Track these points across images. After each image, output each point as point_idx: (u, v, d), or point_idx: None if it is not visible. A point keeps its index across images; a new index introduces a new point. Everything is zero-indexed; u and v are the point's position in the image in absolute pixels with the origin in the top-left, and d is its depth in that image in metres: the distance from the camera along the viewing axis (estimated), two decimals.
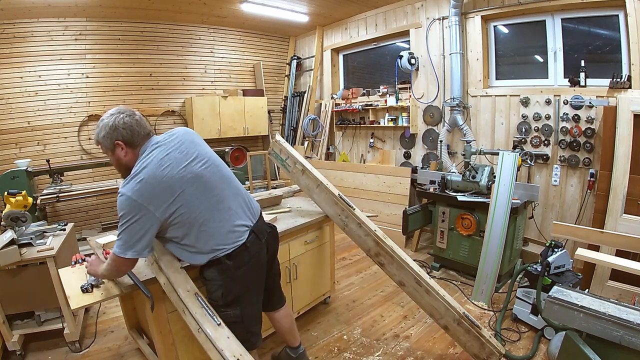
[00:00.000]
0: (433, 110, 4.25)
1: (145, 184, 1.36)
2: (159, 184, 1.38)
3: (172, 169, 1.42)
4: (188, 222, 1.45)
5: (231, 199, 1.58)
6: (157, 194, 1.37)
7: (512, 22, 3.65)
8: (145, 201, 1.35)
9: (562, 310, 1.67)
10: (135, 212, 1.34)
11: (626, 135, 2.61)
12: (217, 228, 1.51)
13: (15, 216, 2.22)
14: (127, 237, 1.37)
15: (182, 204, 1.42)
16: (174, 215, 1.42)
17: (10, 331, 2.23)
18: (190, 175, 1.45)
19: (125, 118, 1.43)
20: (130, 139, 1.44)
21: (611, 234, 2.19)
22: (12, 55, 4.01)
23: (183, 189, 1.42)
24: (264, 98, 5.70)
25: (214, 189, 1.52)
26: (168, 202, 1.39)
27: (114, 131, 1.42)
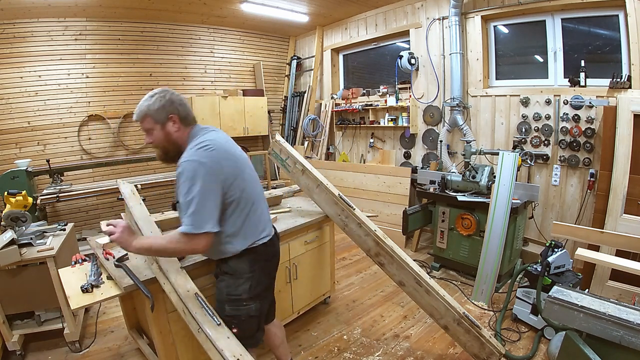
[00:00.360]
0: (433, 110, 4.25)
1: (217, 152, 1.36)
2: (228, 157, 1.41)
3: (236, 150, 1.50)
4: (243, 199, 1.44)
5: (262, 193, 1.65)
6: (226, 165, 1.38)
7: (512, 22, 3.65)
8: (217, 169, 1.33)
9: (562, 310, 1.67)
10: (208, 178, 1.29)
11: (626, 135, 2.61)
12: (263, 214, 1.58)
13: (15, 216, 2.22)
14: (199, 207, 1.26)
15: (241, 182, 1.44)
16: (232, 192, 1.39)
17: (10, 331, 2.23)
18: (245, 160, 1.54)
19: (178, 97, 1.46)
20: (185, 116, 1.45)
21: (611, 234, 2.19)
22: (12, 55, 4.01)
23: (243, 169, 1.47)
24: (264, 98, 5.69)
25: (257, 180, 1.60)
26: (233, 176, 1.39)
27: (170, 104, 1.42)
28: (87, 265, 1.80)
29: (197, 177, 1.28)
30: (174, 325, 1.75)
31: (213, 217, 1.31)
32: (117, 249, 1.96)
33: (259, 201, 1.56)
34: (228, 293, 1.51)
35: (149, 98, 1.43)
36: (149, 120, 1.43)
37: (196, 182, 1.27)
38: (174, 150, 1.45)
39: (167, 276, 1.57)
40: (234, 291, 1.50)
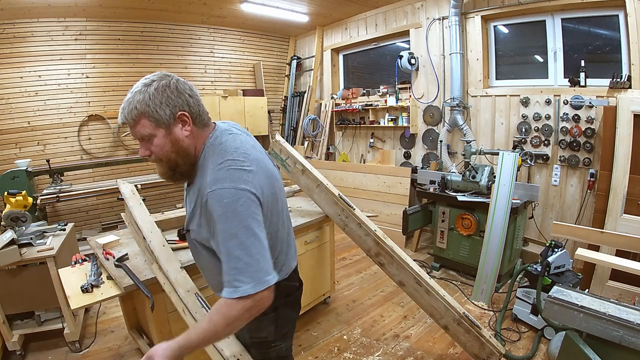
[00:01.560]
0: (433, 110, 4.25)
1: (256, 174, 0.97)
2: (268, 176, 1.02)
3: (270, 165, 1.08)
4: (277, 228, 1.11)
5: (289, 218, 1.29)
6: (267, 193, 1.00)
7: (512, 22, 3.65)
8: (257, 191, 0.95)
9: (562, 310, 1.67)
10: (250, 209, 0.92)
11: (626, 135, 2.61)
12: (290, 249, 1.24)
13: (15, 216, 2.22)
14: (253, 251, 0.91)
15: (276, 217, 1.09)
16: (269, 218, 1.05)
17: (10, 331, 2.23)
18: (281, 182, 1.14)
19: (188, 83, 1.01)
20: (198, 113, 1.01)
21: (611, 234, 2.19)
22: (12, 55, 4.01)
23: (279, 197, 1.10)
24: (264, 98, 5.70)
25: (284, 202, 1.20)
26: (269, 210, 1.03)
27: (177, 96, 0.96)
28: (87, 265, 1.80)
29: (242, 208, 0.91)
30: (174, 325, 1.75)
31: (269, 261, 0.95)
32: (117, 249, 1.97)
33: (290, 238, 1.24)
34: (251, 336, 1.23)
35: (144, 88, 0.95)
36: (144, 122, 0.95)
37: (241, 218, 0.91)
38: (185, 164, 1.03)
39: (167, 276, 1.56)
40: (256, 334, 1.22)
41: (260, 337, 1.21)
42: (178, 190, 5.31)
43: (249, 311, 0.91)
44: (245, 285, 0.89)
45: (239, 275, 0.89)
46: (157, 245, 1.69)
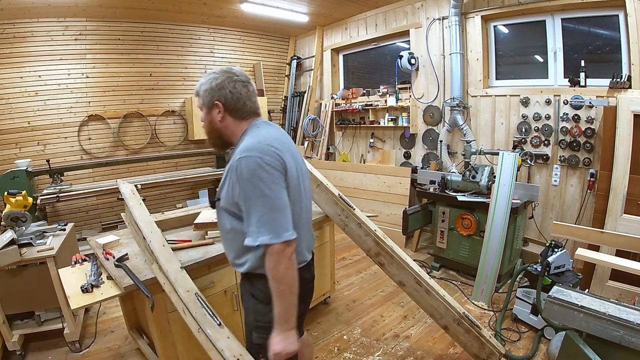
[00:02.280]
0: (433, 110, 4.25)
1: (277, 148, 1.16)
2: (294, 159, 1.24)
3: (293, 148, 1.29)
4: (294, 211, 1.20)
5: (309, 212, 1.39)
6: (284, 163, 1.17)
7: (512, 22, 3.65)
8: (280, 165, 1.14)
9: (562, 310, 1.67)
10: (273, 176, 1.10)
11: (626, 135, 2.61)
12: (304, 231, 1.32)
13: (15, 216, 2.22)
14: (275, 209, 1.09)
15: (298, 188, 1.24)
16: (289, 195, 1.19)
17: (10, 331, 2.23)
18: (300, 164, 1.30)
19: (238, 85, 1.24)
20: (234, 108, 1.25)
21: (611, 234, 2.19)
22: (12, 55, 4.01)
23: (295, 173, 1.23)
24: (264, 98, 5.70)
25: (305, 195, 1.33)
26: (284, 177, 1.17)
27: (219, 90, 1.22)
28: (87, 265, 1.80)
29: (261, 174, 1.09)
30: (174, 325, 1.75)
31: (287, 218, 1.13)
32: (117, 249, 1.97)
33: (306, 229, 1.35)
34: (256, 319, 1.30)
35: (206, 76, 1.26)
36: (197, 99, 1.29)
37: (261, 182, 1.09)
38: (218, 139, 1.31)
39: (167, 276, 1.57)
40: (262, 317, 1.27)
41: (264, 322, 1.24)
42: (178, 190, 5.32)
43: (277, 263, 1.09)
44: (263, 236, 1.07)
45: (260, 228, 1.08)
46: (157, 245, 1.69)
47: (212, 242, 2.02)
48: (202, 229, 2.12)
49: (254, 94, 1.28)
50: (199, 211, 2.32)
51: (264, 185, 1.09)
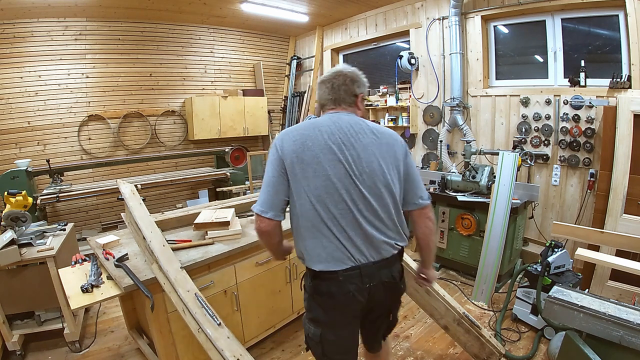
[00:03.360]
0: (433, 110, 4.25)
1: (294, 135, 1.29)
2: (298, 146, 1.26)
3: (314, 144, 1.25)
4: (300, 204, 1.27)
5: (354, 219, 1.25)
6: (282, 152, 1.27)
7: (512, 22, 3.65)
8: (276, 152, 1.29)
9: (562, 310, 1.67)
10: (272, 162, 1.29)
11: (626, 135, 2.61)
12: (316, 233, 1.26)
13: (15, 216, 2.22)
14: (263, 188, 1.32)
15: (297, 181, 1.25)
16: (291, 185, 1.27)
17: (10, 331, 2.22)
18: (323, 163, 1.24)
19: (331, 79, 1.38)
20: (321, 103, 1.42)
21: (611, 234, 2.19)
22: (12, 55, 4.01)
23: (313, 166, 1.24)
24: (264, 98, 5.70)
25: (338, 195, 1.24)
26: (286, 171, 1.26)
27: (319, 87, 1.43)
28: (87, 265, 1.80)
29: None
30: (174, 325, 1.75)
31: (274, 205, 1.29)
32: (117, 249, 1.97)
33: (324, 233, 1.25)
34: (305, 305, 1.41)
35: (324, 75, 1.43)
36: None
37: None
38: None
39: (167, 276, 1.57)
40: (304, 303, 1.41)
41: (305, 308, 1.42)
42: (178, 190, 5.32)
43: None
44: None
45: None
46: (157, 245, 1.69)
47: (212, 242, 2.02)
48: (202, 229, 2.12)
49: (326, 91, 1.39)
50: (199, 211, 2.32)
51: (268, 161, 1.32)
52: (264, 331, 2.30)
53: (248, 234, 2.17)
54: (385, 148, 1.32)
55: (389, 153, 1.32)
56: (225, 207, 2.48)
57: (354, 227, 1.25)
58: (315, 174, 1.24)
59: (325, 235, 1.25)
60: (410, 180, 1.39)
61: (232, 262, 2.02)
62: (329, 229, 1.24)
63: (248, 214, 2.58)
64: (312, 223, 1.26)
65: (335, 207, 1.24)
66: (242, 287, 2.09)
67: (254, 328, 2.22)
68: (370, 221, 1.27)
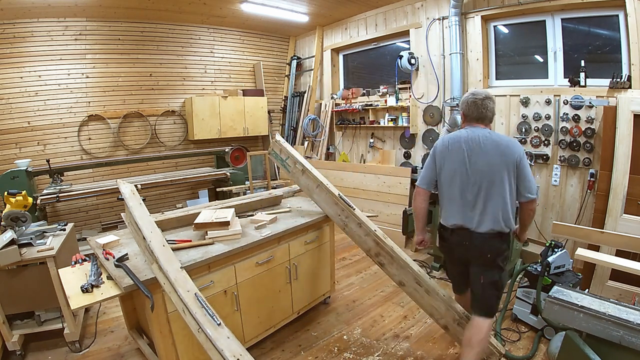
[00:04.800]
0: (433, 110, 4.25)
1: (448, 141, 1.91)
2: (451, 146, 1.89)
3: (463, 145, 1.84)
4: (440, 183, 1.96)
5: (467, 196, 1.83)
6: (443, 151, 1.93)
7: (512, 22, 3.65)
8: (439, 151, 1.96)
9: (562, 310, 1.67)
10: (432, 154, 1.99)
11: (626, 135, 2.61)
12: (448, 203, 1.92)
13: (15, 216, 2.22)
14: (423, 171, 2.06)
15: (444, 168, 1.91)
16: (440, 171, 1.94)
17: (10, 331, 2.22)
18: (463, 158, 1.84)
19: (470, 99, 1.90)
20: (465, 115, 1.94)
21: (611, 234, 2.19)
22: (12, 55, 4.01)
23: (452, 160, 1.88)
24: (264, 98, 5.70)
25: (462, 177, 1.85)
26: (440, 161, 1.93)
27: (462, 102, 1.96)
28: (87, 265, 1.80)
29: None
30: (174, 325, 1.75)
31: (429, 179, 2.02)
32: (117, 249, 1.97)
33: (455, 193, 1.88)
34: None
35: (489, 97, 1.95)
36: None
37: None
38: None
39: (167, 276, 1.57)
40: None
41: None
42: (178, 190, 5.33)
43: (416, 195, 2.09)
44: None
45: None
46: (157, 245, 1.69)
47: (212, 242, 2.02)
48: (202, 229, 2.12)
49: (472, 109, 1.90)
50: (199, 211, 2.32)
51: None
52: (264, 331, 2.30)
53: (248, 234, 2.17)
54: (501, 152, 1.79)
55: (504, 157, 1.78)
56: (225, 207, 2.48)
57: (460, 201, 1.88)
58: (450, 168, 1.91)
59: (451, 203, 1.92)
60: (522, 177, 1.78)
61: (232, 262, 2.02)
62: (453, 200, 1.91)
63: (248, 214, 2.59)
64: (447, 189, 1.94)
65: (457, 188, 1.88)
66: (242, 287, 2.09)
67: (254, 328, 2.22)
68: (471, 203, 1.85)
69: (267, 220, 2.36)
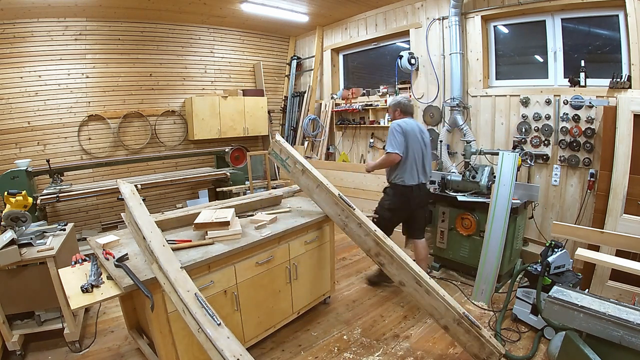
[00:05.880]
0: (433, 110, 4.25)
1: (403, 124, 2.79)
2: (406, 126, 2.78)
3: (413, 128, 2.82)
4: (408, 151, 2.78)
5: (418, 163, 2.84)
6: (405, 128, 2.77)
7: (512, 22, 3.65)
8: (403, 130, 2.76)
9: (562, 310, 1.67)
10: (400, 131, 2.75)
11: (626, 135, 2.61)
12: (410, 168, 2.81)
13: (15, 216, 2.22)
14: (395, 142, 2.73)
15: (407, 142, 2.76)
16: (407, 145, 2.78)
17: (10, 331, 2.22)
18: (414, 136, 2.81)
19: (405, 101, 2.97)
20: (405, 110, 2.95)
21: (611, 234, 2.19)
22: (12, 55, 4.02)
23: (410, 137, 2.78)
24: (264, 98, 5.70)
25: (415, 153, 2.81)
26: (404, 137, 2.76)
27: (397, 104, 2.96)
28: (87, 265, 1.80)
29: (396, 130, 2.77)
30: (174, 325, 1.75)
31: (400, 146, 2.74)
32: (117, 249, 1.97)
33: (410, 160, 2.79)
34: (381, 201, 3.07)
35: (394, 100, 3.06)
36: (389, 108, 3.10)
37: (395, 133, 2.76)
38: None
39: (167, 276, 1.57)
40: (383, 202, 3.02)
41: (381, 204, 3.04)
42: (178, 190, 5.33)
43: (386, 158, 2.83)
44: (388, 148, 2.77)
45: (388, 146, 2.78)
46: (157, 245, 1.69)
47: (212, 242, 2.02)
48: (202, 229, 2.12)
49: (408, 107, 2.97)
50: (199, 211, 2.32)
51: (391, 131, 2.80)
52: (264, 331, 2.30)
53: (248, 234, 2.17)
54: (427, 135, 2.95)
55: (426, 136, 2.93)
56: (225, 207, 2.48)
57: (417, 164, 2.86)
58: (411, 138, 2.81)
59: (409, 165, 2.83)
60: (427, 148, 2.92)
61: (232, 262, 2.02)
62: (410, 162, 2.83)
63: (248, 214, 2.59)
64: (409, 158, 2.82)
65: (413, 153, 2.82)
66: (242, 287, 2.09)
67: (254, 328, 2.22)
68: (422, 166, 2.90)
69: (267, 220, 2.36)
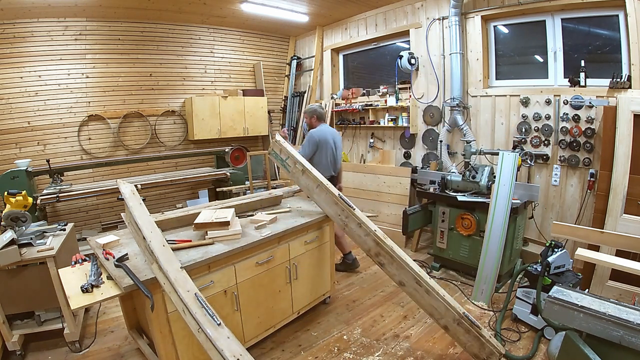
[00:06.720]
0: (433, 110, 4.25)
1: (318, 133, 3.25)
2: (320, 136, 3.24)
3: (326, 136, 3.29)
4: (318, 155, 3.25)
5: (330, 161, 3.33)
6: (319, 139, 3.22)
7: (512, 22, 3.65)
8: (317, 141, 3.21)
9: (562, 310, 1.67)
10: (314, 143, 3.21)
11: (626, 135, 2.61)
12: (324, 167, 3.24)
13: (15, 216, 2.22)
14: (307, 150, 3.20)
15: (320, 148, 3.24)
16: (317, 150, 3.24)
17: (10, 331, 2.23)
18: (327, 143, 3.28)
19: (320, 109, 3.43)
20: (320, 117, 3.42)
21: (611, 234, 2.19)
22: (12, 55, 4.01)
23: (323, 144, 3.24)
24: (264, 98, 5.70)
25: (328, 155, 3.30)
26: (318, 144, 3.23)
27: (313, 111, 3.41)
28: (87, 265, 1.80)
29: (311, 139, 3.23)
30: (174, 325, 1.75)
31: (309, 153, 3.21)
32: (117, 249, 1.97)
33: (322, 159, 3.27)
34: None
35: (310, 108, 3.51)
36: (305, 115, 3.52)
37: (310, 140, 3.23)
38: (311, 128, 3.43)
39: (167, 276, 1.57)
40: None
41: None
42: (178, 190, 5.32)
43: None
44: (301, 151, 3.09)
45: (301, 150, 3.20)
46: (157, 245, 1.69)
47: (212, 242, 2.02)
48: (202, 229, 2.12)
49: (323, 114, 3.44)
50: (199, 211, 2.32)
51: (306, 141, 3.27)
52: (264, 331, 2.31)
53: (248, 234, 2.17)
54: (338, 138, 3.45)
55: (338, 139, 3.44)
56: (225, 207, 2.48)
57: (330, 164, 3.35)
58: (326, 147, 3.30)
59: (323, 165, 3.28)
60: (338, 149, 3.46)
61: (232, 262, 2.03)
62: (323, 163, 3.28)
63: (248, 214, 2.58)
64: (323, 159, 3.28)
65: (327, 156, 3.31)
66: (242, 287, 2.09)
67: (253, 328, 2.22)
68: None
69: (267, 220, 2.36)
